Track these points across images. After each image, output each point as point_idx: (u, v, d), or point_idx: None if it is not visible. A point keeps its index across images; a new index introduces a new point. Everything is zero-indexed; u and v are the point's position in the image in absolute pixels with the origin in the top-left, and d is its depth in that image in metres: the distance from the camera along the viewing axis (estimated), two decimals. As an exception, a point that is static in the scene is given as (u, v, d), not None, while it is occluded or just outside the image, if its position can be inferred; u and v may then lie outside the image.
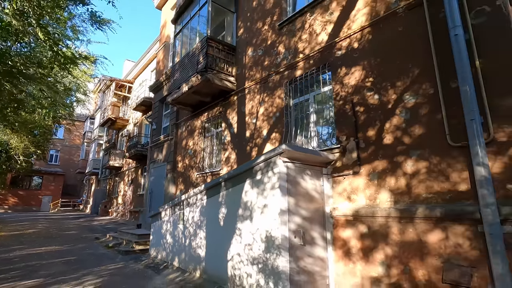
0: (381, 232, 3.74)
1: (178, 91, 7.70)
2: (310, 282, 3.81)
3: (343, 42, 4.78)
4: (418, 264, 3.35)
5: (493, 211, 2.80)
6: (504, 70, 3.06)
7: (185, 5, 8.29)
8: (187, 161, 8.74)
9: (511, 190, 2.85)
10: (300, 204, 3.98)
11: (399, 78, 3.94)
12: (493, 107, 3.07)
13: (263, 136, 6.08)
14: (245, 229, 4.23)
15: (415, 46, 3.84)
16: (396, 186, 3.74)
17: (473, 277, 2.92)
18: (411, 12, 3.96)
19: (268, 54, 6.34)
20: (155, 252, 6.76)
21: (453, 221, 3.14)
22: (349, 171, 4.30)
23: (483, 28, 3.27)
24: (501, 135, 2.99)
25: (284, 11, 6.27)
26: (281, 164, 3.86)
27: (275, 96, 5.94)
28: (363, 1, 4.60)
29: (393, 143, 3.86)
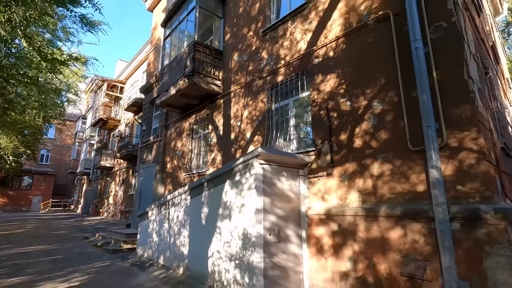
0: (350, 230, 4.01)
1: (167, 94, 7.89)
2: (284, 277, 4.05)
3: (320, 50, 5.06)
4: (381, 259, 3.62)
5: (444, 210, 3.09)
6: (457, 81, 3.35)
7: (174, 9, 8.49)
8: (176, 162, 8.92)
9: (460, 191, 3.14)
10: (276, 204, 4.23)
11: (368, 86, 4.22)
12: (447, 115, 3.36)
13: (246, 139, 6.31)
14: (225, 227, 4.46)
15: (382, 56, 4.12)
16: (364, 187, 4.01)
17: (426, 270, 3.20)
18: (380, 25, 4.24)
19: (253, 59, 6.58)
20: (141, 251, 6.94)
21: (411, 219, 3.42)
22: (323, 172, 4.56)
23: (440, 42, 3.57)
24: (453, 141, 3.28)
25: (268, 18, 6.53)
26: (257, 166, 4.10)
27: (258, 100, 6.18)
28: (338, 12, 4.88)
29: (362, 147, 4.14)
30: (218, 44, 7.94)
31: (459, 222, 3.05)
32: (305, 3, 5.51)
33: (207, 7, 7.72)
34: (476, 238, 2.93)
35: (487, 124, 3.56)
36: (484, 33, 6.29)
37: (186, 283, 4.76)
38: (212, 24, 8.39)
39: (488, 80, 4.84)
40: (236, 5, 7.53)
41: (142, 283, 4.89)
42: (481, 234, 2.90)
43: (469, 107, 3.22)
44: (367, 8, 4.45)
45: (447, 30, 3.53)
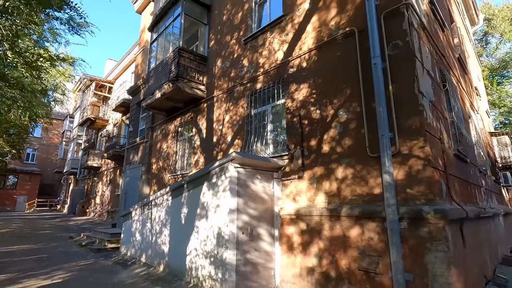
0: (317, 229, 4.35)
1: (152, 97, 8.11)
2: (255, 273, 4.36)
3: (295, 61, 5.40)
4: (342, 255, 3.98)
5: (393, 210, 3.45)
6: (408, 95, 3.73)
7: (160, 15, 8.71)
8: (161, 163, 9.14)
9: (409, 193, 3.52)
10: (249, 204, 4.54)
11: (335, 97, 4.58)
12: (400, 125, 3.73)
13: (227, 142, 6.61)
14: (202, 226, 4.74)
15: (348, 69, 4.47)
16: (330, 189, 4.36)
17: (379, 264, 3.57)
18: (347, 40, 4.60)
19: (235, 66, 6.88)
20: (125, 250, 7.14)
21: (367, 219, 3.78)
22: (295, 175, 4.90)
23: (396, 59, 3.94)
24: (404, 148, 3.65)
25: (250, 27, 6.84)
26: (232, 169, 4.41)
27: (239, 105, 6.49)
28: (312, 26, 5.23)
29: (329, 152, 4.49)
30: (203, 50, 8.21)
31: (406, 221, 3.42)
32: (282, 16, 5.84)
33: (192, 14, 7.98)
34: (419, 236, 3.30)
35: (437, 134, 3.95)
36: (450, 46, 6.77)
37: (165, 279, 5.02)
38: (198, 30, 8.65)
39: (448, 92, 5.27)
40: (221, 13, 7.82)
41: (123, 279, 5.12)
42: (423, 232, 3.28)
43: (418, 119, 3.60)
44: (337, 23, 4.81)
45: (402, 48, 3.91)
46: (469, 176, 5.36)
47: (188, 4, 7.88)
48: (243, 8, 7.06)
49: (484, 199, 6.47)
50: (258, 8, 7.02)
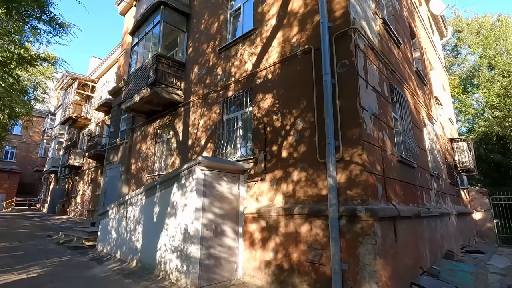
0: (274, 226, 4.84)
1: (131, 100, 8.42)
2: (218, 266, 4.81)
3: (262, 72, 5.88)
4: (294, 249, 4.47)
5: (334, 209, 3.98)
6: (351, 109, 4.27)
7: (141, 20, 9.02)
8: (140, 164, 9.44)
9: (348, 195, 4.05)
10: (215, 204, 4.98)
11: (294, 107, 5.09)
12: (344, 135, 4.26)
13: (201, 145, 7.02)
14: (171, 224, 5.15)
15: (305, 83, 4.98)
16: (287, 190, 4.86)
17: (322, 256, 4.09)
18: (305, 56, 5.12)
19: (210, 74, 7.30)
20: (101, 247, 7.43)
21: (315, 217, 4.29)
22: (258, 177, 5.38)
23: (344, 76, 4.48)
24: (346, 155, 4.18)
25: (224, 38, 7.28)
26: (199, 172, 4.83)
27: (213, 111, 6.91)
28: (277, 41, 5.73)
29: (287, 157, 4.99)
30: (181, 56, 8.58)
31: (345, 219, 3.95)
32: (252, 29, 6.32)
33: (172, 21, 8.35)
34: (354, 231, 3.84)
35: (378, 142, 4.51)
36: (408, 60, 7.43)
37: (136, 273, 5.39)
38: (177, 36, 9.01)
39: (396, 104, 5.88)
40: (199, 22, 8.22)
41: (97, 274, 5.45)
42: (357, 228, 3.81)
43: (358, 130, 4.14)
44: (297, 41, 5.32)
45: (348, 67, 4.44)
46: (415, 179, 5.99)
47: (167, 12, 8.24)
48: (219, 19, 7.49)
49: (435, 200, 7.15)
50: (233, 19, 7.47)
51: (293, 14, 5.54)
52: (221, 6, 7.52)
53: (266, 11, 6.14)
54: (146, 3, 8.95)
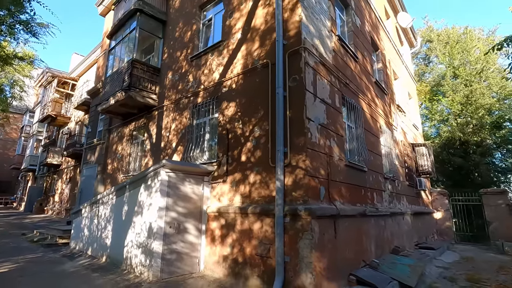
0: (232, 224, 5.32)
1: (107, 103, 8.70)
2: (180, 260, 5.25)
3: (227, 82, 6.35)
4: (247, 244, 4.98)
5: (280, 209, 4.50)
6: (299, 120, 4.80)
7: (119, 25, 9.30)
8: (116, 164, 9.72)
9: (293, 196, 4.58)
10: (178, 203, 5.42)
11: (253, 116, 5.59)
12: (292, 142, 4.79)
13: (172, 148, 7.42)
14: (138, 222, 5.54)
15: (263, 94, 5.48)
16: (244, 191, 5.36)
17: (270, 250, 4.61)
18: (264, 70, 5.62)
19: (182, 80, 7.71)
20: (74, 244, 7.71)
21: (265, 215, 4.81)
22: (221, 179, 5.85)
23: (294, 90, 5.01)
24: (293, 161, 4.72)
25: (196, 46, 7.70)
26: (163, 174, 5.26)
27: (183, 116, 7.33)
28: (241, 53, 6.21)
29: (246, 161, 5.49)
30: (157, 61, 8.93)
31: (289, 217, 4.48)
32: (221, 41, 6.78)
33: (148, 28, 8.68)
34: (296, 228, 4.37)
35: (323, 149, 5.07)
36: (366, 72, 8.07)
37: (104, 268, 5.75)
38: (154, 42, 9.35)
39: (347, 114, 6.50)
40: (174, 29, 8.60)
41: (66, 269, 5.77)
42: (298, 225, 4.35)
43: (303, 138, 4.68)
44: (258, 55, 5.83)
45: (298, 82, 4.98)
46: (365, 182, 6.62)
47: (143, 19, 8.57)
48: (192, 28, 7.90)
49: (387, 200, 7.84)
50: (205, 29, 7.90)
51: (255, 30, 6.04)
52: (194, 16, 7.93)
53: (233, 25, 6.61)
54: (124, 8, 9.24)
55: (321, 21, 5.97)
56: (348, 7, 7.76)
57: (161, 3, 9.10)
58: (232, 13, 6.71)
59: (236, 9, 6.62)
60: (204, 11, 7.96)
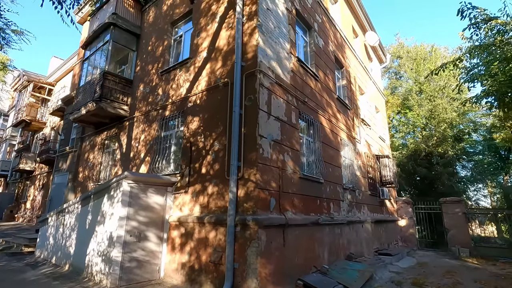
0: (190, 232, 5.64)
1: (78, 112, 8.86)
2: (139, 268, 5.49)
3: (192, 97, 6.72)
4: (203, 252, 5.30)
5: (231, 219, 4.88)
6: (252, 137, 5.23)
7: (93, 36, 9.52)
8: (87, 172, 9.81)
9: (245, 207, 4.97)
10: (140, 213, 5.69)
11: (214, 131, 5.98)
12: (246, 157, 5.21)
13: (141, 158, 7.67)
14: (100, 231, 5.76)
15: (223, 111, 5.89)
16: (203, 202, 5.70)
17: (222, 257, 4.95)
18: (225, 88, 6.05)
19: (152, 93, 8.02)
20: (39, 253, 7.74)
21: (220, 225, 5.17)
22: (183, 190, 6.17)
23: (249, 109, 5.45)
24: (246, 174, 5.12)
25: (167, 61, 8.05)
26: (125, 185, 5.53)
27: (152, 128, 7.62)
28: (206, 71, 6.63)
29: (205, 173, 5.85)
30: (130, 73, 9.20)
31: (239, 227, 4.86)
32: (188, 58, 7.17)
33: (121, 41, 8.96)
34: (245, 237, 4.75)
35: (275, 163, 5.51)
36: (328, 89, 8.66)
37: (66, 276, 5.90)
38: (128, 54, 9.62)
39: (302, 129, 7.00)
40: (147, 43, 8.92)
41: (27, 277, 5.87)
42: (247, 234, 4.73)
43: (255, 154, 5.10)
44: (220, 73, 6.25)
45: (253, 102, 5.43)
46: (322, 192, 7.10)
47: (117, 32, 8.85)
48: (163, 43, 8.26)
49: (346, 209, 8.36)
50: (176, 45, 8.28)
51: (219, 50, 6.47)
52: (166, 32, 8.30)
53: (200, 44, 7.03)
54: (99, 20, 9.48)
55: (280, 44, 6.49)
56: (311, 29, 8.36)
57: (136, 17, 9.42)
58: (200, 33, 7.14)
59: (203, 29, 7.05)
60: (175, 28, 8.35)
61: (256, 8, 5.93)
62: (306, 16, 8.10)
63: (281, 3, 6.85)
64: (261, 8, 6.01)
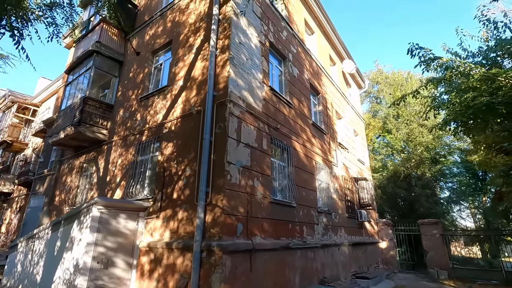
0: (160, 258, 5.66)
1: (57, 136, 8.94)
2: (106, 295, 5.43)
3: (168, 123, 6.96)
4: (171, 278, 5.32)
5: (198, 245, 4.97)
6: (221, 163, 5.45)
7: (77, 62, 9.81)
8: (63, 196, 9.72)
9: (212, 232, 5.08)
10: (109, 239, 5.70)
11: (186, 156, 6.17)
12: (214, 183, 5.39)
13: (117, 182, 7.73)
14: (67, 258, 5.71)
15: (195, 137, 6.12)
16: (173, 227, 5.78)
17: (188, 284, 4.98)
18: (198, 116, 6.31)
19: (131, 118, 8.23)
20: (6, 280, 7.50)
21: (187, 251, 5.23)
22: (155, 215, 6.24)
23: (219, 136, 5.70)
24: (214, 200, 5.28)
25: (146, 88, 8.35)
26: (95, 210, 5.58)
27: (129, 152, 7.75)
28: (181, 99, 6.92)
29: (177, 198, 5.97)
30: (112, 98, 9.42)
31: (205, 252, 4.95)
32: (166, 86, 7.48)
33: (104, 67, 9.26)
34: (210, 262, 4.83)
35: (244, 189, 5.70)
36: (302, 115, 9.05)
37: (30, 305, 5.76)
38: (110, 79, 9.89)
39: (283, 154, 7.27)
40: (129, 70, 9.25)
41: (-11, 307, 5.70)
42: (212, 260, 4.82)
43: (222, 180, 5.29)
44: (194, 102, 6.55)
45: (222, 130, 5.70)
46: (294, 216, 7.26)
47: (100, 59, 9.16)
48: (144, 70, 8.59)
49: (321, 232, 8.49)
50: (157, 72, 8.62)
51: (194, 79, 6.82)
52: (147, 60, 8.66)
53: (177, 72, 7.38)
54: (83, 47, 9.81)
55: (252, 74, 6.89)
56: (285, 59, 8.88)
57: (120, 45, 9.80)
58: (178, 62, 7.51)
59: (181, 59, 7.43)
60: (156, 56, 8.72)
61: (228, 42, 6.36)
62: (281, 47, 8.64)
63: (254, 36, 7.33)
64: (234, 42, 6.44)
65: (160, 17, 8.84)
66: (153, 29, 8.93)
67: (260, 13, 7.87)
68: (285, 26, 9.22)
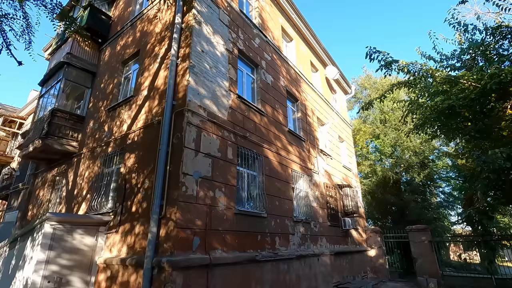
0: (115, 275, 5.41)
1: (27, 149, 8.76)
2: (57, 316, 5.17)
3: (131, 134, 6.79)
4: (124, 297, 5.06)
5: (148, 261, 4.73)
6: (176, 174, 5.26)
7: (50, 74, 9.71)
8: (36, 210, 9.48)
9: (165, 247, 4.85)
10: (63, 256, 5.46)
11: (145, 168, 5.98)
12: (168, 195, 5.18)
13: (83, 196, 7.51)
14: (19, 276, 5.46)
15: (155, 148, 5.94)
16: (130, 242, 5.55)
17: (139, 303, 4.73)
18: (158, 126, 6.13)
19: (100, 129, 8.07)
20: (-34, 301, 7.21)
21: (140, 267, 4.97)
22: (114, 229, 6.01)
23: (176, 147, 5.52)
24: (168, 213, 5.06)
25: (115, 98, 8.21)
26: (47, 227, 5.36)
27: (96, 164, 7.56)
28: (144, 109, 6.77)
29: (135, 212, 5.75)
30: (84, 109, 9.28)
31: (156, 269, 4.71)
32: (131, 96, 7.34)
33: (76, 79, 9.15)
34: (160, 280, 4.59)
35: (203, 201, 5.49)
36: (275, 123, 8.89)
37: (-20, 329, 5.48)
38: (84, 90, 9.77)
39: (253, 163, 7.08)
40: (101, 81, 9.14)
41: None
42: (162, 277, 4.58)
43: (177, 192, 5.09)
44: (156, 112, 6.40)
45: (179, 140, 5.53)
46: (263, 227, 7.01)
47: (72, 71, 9.07)
48: (114, 81, 8.47)
49: (298, 243, 8.22)
50: (126, 82, 8.50)
51: (157, 89, 6.68)
52: (117, 70, 8.56)
53: (142, 82, 7.25)
54: (56, 59, 9.73)
55: (217, 82, 6.76)
56: (257, 66, 8.77)
57: (93, 56, 9.72)
58: (143, 72, 7.39)
59: (146, 69, 7.32)
60: (126, 66, 8.62)
61: (189, 51, 6.25)
62: (252, 55, 8.54)
63: (220, 44, 7.24)
64: (195, 51, 6.33)
65: (130, 27, 8.78)
66: (123, 39, 8.87)
67: (228, 21, 7.80)
68: (257, 33, 9.15)
